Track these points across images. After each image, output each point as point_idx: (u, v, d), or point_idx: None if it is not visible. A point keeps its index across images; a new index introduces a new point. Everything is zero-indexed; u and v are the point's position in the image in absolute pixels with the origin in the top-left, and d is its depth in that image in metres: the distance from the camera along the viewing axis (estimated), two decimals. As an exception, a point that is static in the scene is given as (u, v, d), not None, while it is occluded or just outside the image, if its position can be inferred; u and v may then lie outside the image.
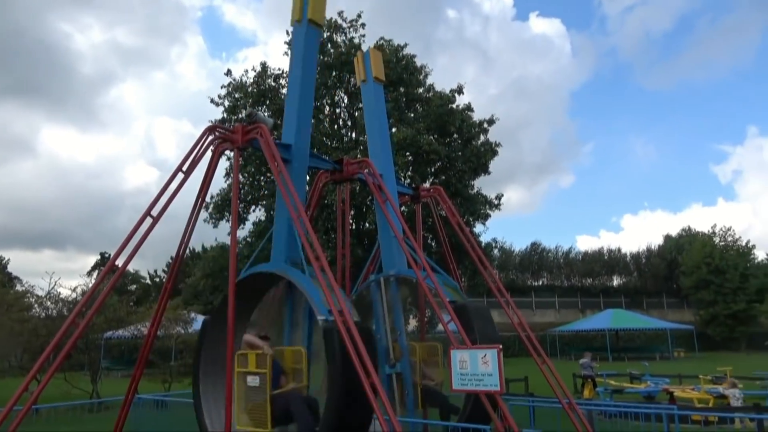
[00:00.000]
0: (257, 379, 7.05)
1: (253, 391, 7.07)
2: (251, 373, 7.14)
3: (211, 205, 23.17)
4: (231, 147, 8.49)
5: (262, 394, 6.97)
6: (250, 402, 7.10)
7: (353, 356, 6.21)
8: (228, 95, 24.19)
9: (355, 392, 6.28)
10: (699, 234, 57.92)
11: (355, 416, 6.56)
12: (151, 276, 66.55)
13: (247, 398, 7.14)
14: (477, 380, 7.30)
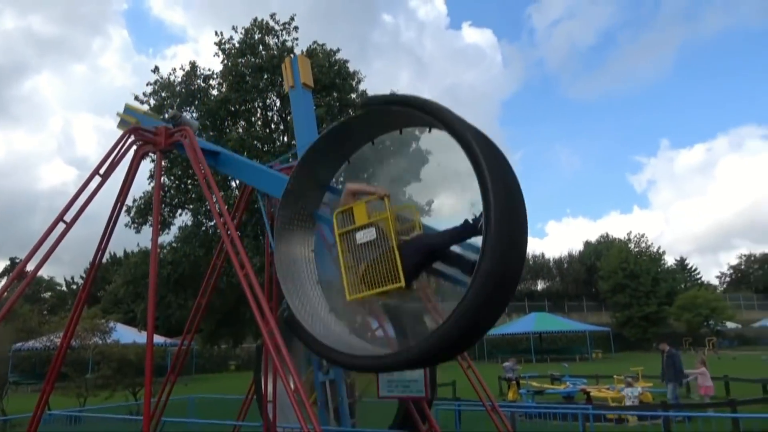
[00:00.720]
0: (372, 230, 5.47)
1: (368, 247, 5.47)
2: (361, 227, 5.56)
3: (134, 209, 22.16)
4: (153, 150, 8.18)
5: (383, 245, 5.37)
6: (363, 263, 5.48)
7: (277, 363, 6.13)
8: (154, 93, 23.25)
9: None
10: (616, 240, 61.42)
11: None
12: (67, 283, 62.93)
13: (359, 260, 5.52)
14: (404, 386, 7.42)
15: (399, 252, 5.30)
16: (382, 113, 6.25)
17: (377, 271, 5.34)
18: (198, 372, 39.61)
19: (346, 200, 5.93)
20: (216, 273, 10.89)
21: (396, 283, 5.21)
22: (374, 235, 5.44)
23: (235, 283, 19.49)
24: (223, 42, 23.50)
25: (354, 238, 5.59)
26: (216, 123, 22.44)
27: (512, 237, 4.87)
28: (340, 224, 5.69)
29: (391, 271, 5.25)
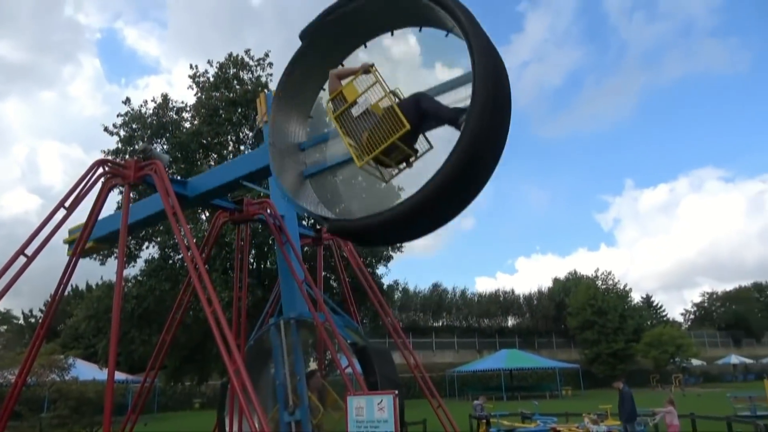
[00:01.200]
0: (365, 103, 5.78)
1: (366, 115, 5.72)
2: (355, 102, 5.78)
3: (99, 241, 21.64)
4: (122, 182, 8.08)
5: (379, 111, 5.63)
6: (366, 130, 5.65)
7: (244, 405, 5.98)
8: (125, 125, 23.02)
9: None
10: (584, 277, 62.25)
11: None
12: (25, 316, 60.40)
13: (360, 131, 5.70)
14: (373, 427, 7.26)
15: (397, 105, 5.58)
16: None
17: (380, 131, 5.55)
18: (161, 410, 38.18)
19: (333, 86, 6.11)
20: (182, 309, 10.68)
21: (402, 129, 5.41)
22: (369, 104, 5.77)
23: (201, 318, 19.05)
24: (198, 75, 23.57)
25: (350, 115, 5.83)
26: (187, 156, 22.27)
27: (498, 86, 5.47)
28: (334, 109, 5.93)
29: (394, 123, 5.45)
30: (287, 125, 7.31)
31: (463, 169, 5.20)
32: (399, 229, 5.74)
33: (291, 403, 9.35)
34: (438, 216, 5.87)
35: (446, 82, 6.62)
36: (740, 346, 66.98)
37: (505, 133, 5.86)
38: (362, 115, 5.78)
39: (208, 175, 9.09)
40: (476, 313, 67.73)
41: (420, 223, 5.83)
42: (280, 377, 9.47)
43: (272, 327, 10.01)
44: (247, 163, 8.22)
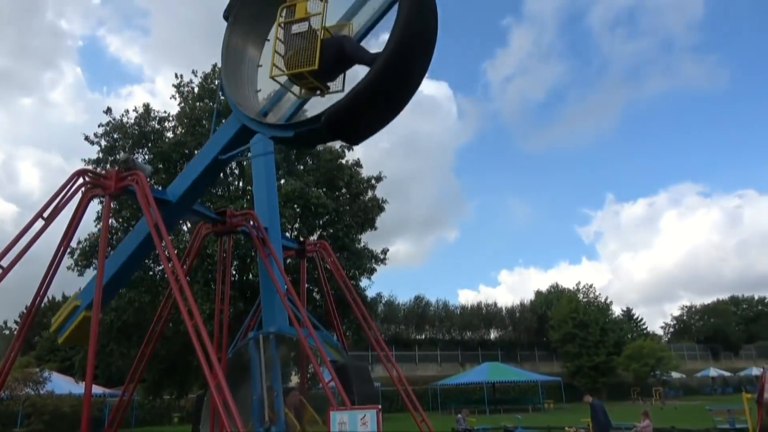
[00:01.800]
0: (306, 23, 6.67)
1: (299, 37, 6.67)
2: (299, 20, 6.74)
3: (78, 251, 21.28)
4: (102, 193, 7.96)
5: (311, 36, 6.59)
6: (293, 48, 6.66)
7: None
8: (106, 134, 22.80)
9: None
10: (565, 290, 62.68)
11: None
12: (0, 327, 59.07)
13: (289, 47, 6.70)
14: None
15: (322, 42, 6.54)
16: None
17: (300, 57, 6.58)
18: (139, 425, 37.37)
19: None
20: (162, 321, 10.51)
21: (310, 66, 6.51)
22: (306, 28, 6.66)
23: (182, 331, 18.79)
24: (182, 85, 23.45)
25: (290, 29, 6.78)
26: (168, 166, 22.09)
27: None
28: (282, 16, 6.91)
29: (310, 56, 6.52)
30: (243, 50, 8.24)
31: (400, 51, 6.21)
32: (374, 98, 6.44)
33: (267, 419, 9.21)
34: (393, 92, 6.70)
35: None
36: (719, 359, 67.86)
37: (434, 30, 6.83)
38: (299, 34, 6.68)
39: (187, 169, 8.87)
40: (459, 325, 67.75)
41: (383, 98, 6.62)
42: (257, 392, 9.33)
43: (251, 341, 9.87)
44: (220, 136, 8.24)
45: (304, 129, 6.80)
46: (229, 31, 8.09)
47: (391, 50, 6.15)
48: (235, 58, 8.19)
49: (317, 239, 23.48)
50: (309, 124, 6.74)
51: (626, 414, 22.49)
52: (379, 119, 7.08)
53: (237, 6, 8.13)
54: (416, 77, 6.95)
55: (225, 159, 8.14)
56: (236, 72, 8.16)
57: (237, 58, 8.21)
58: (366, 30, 7.57)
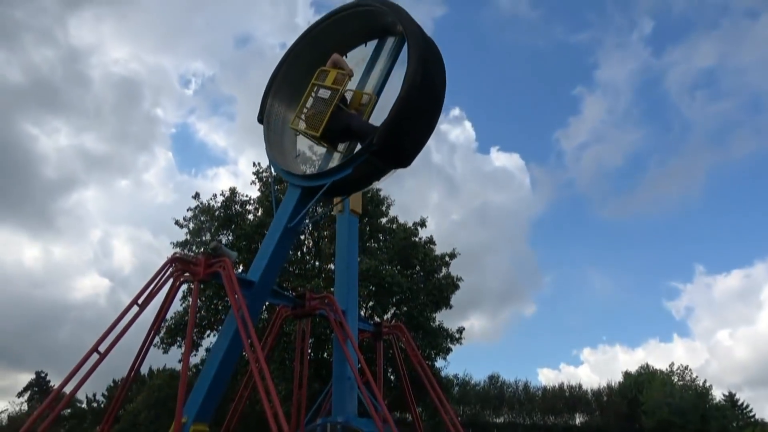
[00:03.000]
0: (328, 92, 7.99)
1: (320, 101, 8.00)
2: (325, 86, 8.07)
3: (164, 329, 22.22)
4: (192, 279, 8.36)
5: (326, 105, 7.90)
6: (312, 110, 8.06)
7: None
8: (194, 217, 24.29)
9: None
10: (658, 372, 58.00)
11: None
12: (88, 400, 61.39)
13: (312, 106, 8.11)
14: None
15: (331, 114, 7.83)
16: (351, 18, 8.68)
17: (315, 119, 7.97)
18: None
19: (329, 64, 8.40)
20: (242, 402, 10.61)
21: (313, 132, 8.03)
22: (327, 96, 7.98)
23: (257, 411, 18.82)
24: (261, 171, 24.81)
25: (318, 90, 8.13)
26: (250, 246, 23.04)
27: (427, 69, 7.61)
28: (318, 78, 8.28)
29: (318, 123, 7.89)
30: (285, 120, 9.32)
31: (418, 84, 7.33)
32: (400, 130, 7.38)
33: None
34: (419, 116, 7.73)
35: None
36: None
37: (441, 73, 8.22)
38: (322, 99, 8.00)
39: (263, 246, 8.92)
40: (540, 408, 63.76)
41: (411, 121, 7.54)
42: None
43: (318, 427, 9.65)
44: (284, 206, 8.72)
45: (360, 159, 7.49)
46: (270, 102, 9.18)
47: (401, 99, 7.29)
48: (277, 129, 9.21)
49: (391, 318, 23.35)
50: (363, 153, 7.47)
51: None
52: (419, 134, 8.05)
53: (278, 79, 9.26)
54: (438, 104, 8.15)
55: (293, 226, 8.48)
56: (280, 143, 9.23)
57: (279, 129, 9.23)
58: (381, 86, 8.70)
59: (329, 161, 8.82)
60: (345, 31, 8.98)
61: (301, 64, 9.19)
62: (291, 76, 9.28)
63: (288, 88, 9.28)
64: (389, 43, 8.81)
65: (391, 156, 7.67)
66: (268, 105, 9.20)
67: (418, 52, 7.50)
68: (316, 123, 7.89)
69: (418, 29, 7.83)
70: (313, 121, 7.97)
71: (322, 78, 8.20)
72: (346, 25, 8.92)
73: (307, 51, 9.16)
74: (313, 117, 7.99)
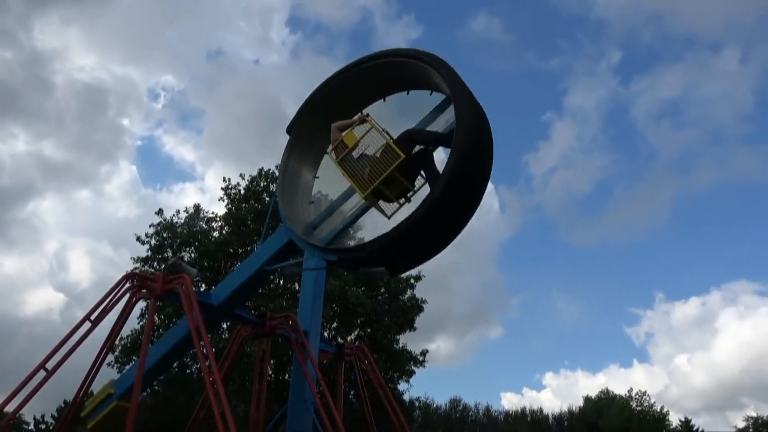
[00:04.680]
0: (364, 145, 6.97)
1: (365, 156, 6.93)
2: (355, 146, 7.00)
3: (119, 348, 21.52)
4: (148, 296, 8.17)
5: (376, 144, 6.89)
6: (367, 167, 6.81)
7: None
8: (156, 234, 23.78)
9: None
10: (617, 397, 58.80)
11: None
12: (36, 421, 58.65)
13: (362, 169, 6.86)
14: None
15: (392, 140, 6.82)
16: (388, 67, 7.75)
17: (380, 164, 6.69)
18: None
19: (334, 137, 7.30)
20: (198, 423, 10.32)
21: (399, 159, 6.61)
22: (367, 146, 6.92)
23: None
24: (230, 188, 24.57)
25: (351, 157, 6.99)
26: (213, 265, 22.67)
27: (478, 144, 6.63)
28: (338, 154, 7.15)
29: (391, 155, 6.64)
30: (299, 171, 8.81)
31: (446, 195, 6.36)
32: (399, 250, 6.66)
33: None
34: (432, 236, 6.94)
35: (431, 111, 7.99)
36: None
37: (488, 167, 7.08)
38: (362, 156, 6.91)
39: (233, 275, 9.11)
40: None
41: (418, 243, 6.80)
42: None
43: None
44: (268, 247, 8.55)
45: (348, 256, 7.08)
46: (287, 152, 8.69)
47: (444, 184, 6.33)
48: (291, 176, 8.80)
49: (355, 339, 23.15)
50: (354, 252, 7.04)
51: None
52: (425, 253, 7.27)
53: (298, 125, 8.64)
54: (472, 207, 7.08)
55: (270, 270, 8.40)
56: (291, 188, 8.74)
57: (293, 176, 8.82)
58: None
59: (329, 221, 8.56)
60: (390, 76, 8.01)
61: (333, 99, 8.35)
62: (321, 108, 8.48)
63: (304, 140, 8.72)
64: (434, 98, 7.91)
65: (384, 264, 7.14)
66: (299, 123, 8.61)
67: (461, 153, 6.34)
68: (386, 161, 6.72)
69: (470, 110, 6.61)
70: (377, 170, 6.78)
71: (341, 151, 7.17)
72: (392, 71, 7.93)
73: (344, 84, 8.25)
74: (374, 168, 6.85)
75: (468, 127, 6.44)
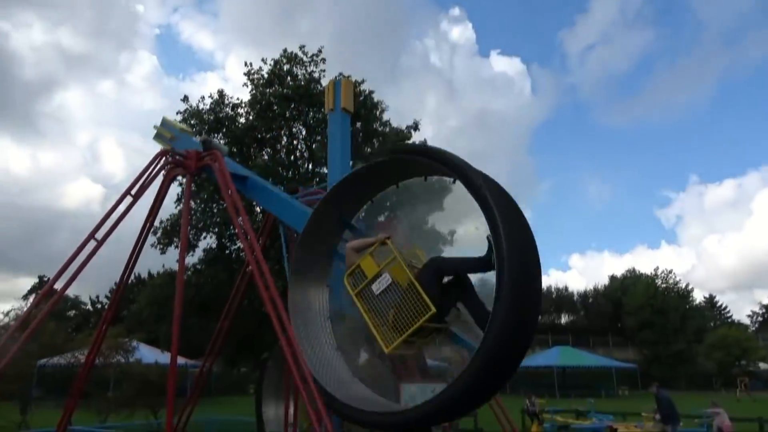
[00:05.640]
0: (386, 276, 5.49)
1: (388, 293, 5.48)
2: (374, 278, 5.55)
3: (160, 230, 22.59)
4: (183, 173, 8.40)
5: (402, 287, 5.41)
6: (391, 309, 5.43)
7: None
8: (183, 121, 23.89)
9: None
10: (643, 276, 60.16)
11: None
12: (92, 301, 63.72)
13: (385, 310, 5.48)
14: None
15: (418, 281, 5.30)
16: (406, 161, 6.40)
17: (406, 310, 5.27)
18: (217, 394, 39.48)
19: (350, 260, 5.88)
20: (239, 296, 11.01)
21: (428, 312, 5.14)
22: (389, 280, 5.45)
23: (256, 307, 19.60)
24: (252, 72, 24.13)
25: (371, 292, 5.56)
26: (242, 150, 22.90)
27: (525, 289, 5.08)
28: (353, 285, 5.67)
29: (418, 304, 5.18)
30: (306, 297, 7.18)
31: (484, 373, 5.01)
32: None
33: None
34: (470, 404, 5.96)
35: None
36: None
37: (534, 322, 5.66)
38: (385, 290, 5.49)
39: (265, 190, 8.80)
40: (528, 309, 66.54)
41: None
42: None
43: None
44: (292, 216, 7.93)
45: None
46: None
47: (467, 378, 5.00)
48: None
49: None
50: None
51: (707, 404, 21.31)
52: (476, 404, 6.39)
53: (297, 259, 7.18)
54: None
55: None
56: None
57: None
58: None
59: None
60: (408, 169, 6.59)
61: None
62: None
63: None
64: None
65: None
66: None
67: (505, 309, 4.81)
68: (414, 311, 5.29)
69: (510, 239, 5.06)
70: (405, 316, 5.34)
71: (359, 279, 5.70)
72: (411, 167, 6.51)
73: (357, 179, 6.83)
74: (401, 311, 5.37)
75: (513, 271, 4.90)
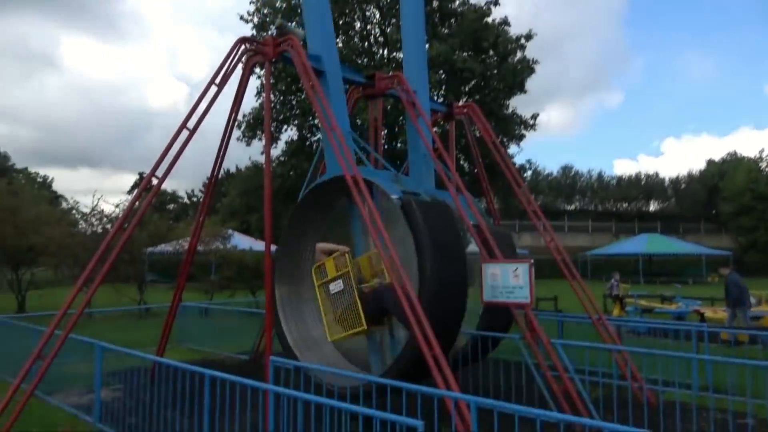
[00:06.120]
0: (340, 282, 6.86)
1: (339, 296, 6.88)
2: (332, 279, 6.94)
3: (244, 124, 23.25)
4: (262, 60, 8.37)
5: (349, 295, 6.79)
6: (339, 308, 6.89)
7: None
8: (257, 11, 23.58)
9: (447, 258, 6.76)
10: (745, 159, 55.71)
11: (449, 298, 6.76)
12: (188, 195, 68.49)
13: (335, 306, 6.95)
14: (508, 292, 7.45)
15: (362, 300, 6.71)
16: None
17: (349, 316, 6.77)
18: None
19: (319, 257, 7.19)
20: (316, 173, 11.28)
21: (359, 327, 6.70)
22: (341, 287, 6.85)
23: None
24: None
25: (329, 289, 6.99)
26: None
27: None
28: (317, 278, 7.11)
29: (357, 317, 6.71)
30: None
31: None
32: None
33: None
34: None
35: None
36: None
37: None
38: (338, 293, 6.87)
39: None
40: (614, 196, 64.46)
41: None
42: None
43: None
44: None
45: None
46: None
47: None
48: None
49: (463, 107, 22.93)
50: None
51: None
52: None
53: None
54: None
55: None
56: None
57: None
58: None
59: None
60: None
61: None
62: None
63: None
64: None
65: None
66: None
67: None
68: (351, 320, 6.77)
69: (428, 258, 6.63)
70: (347, 319, 6.81)
71: (321, 273, 7.09)
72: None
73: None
74: (344, 314, 6.83)
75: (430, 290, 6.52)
